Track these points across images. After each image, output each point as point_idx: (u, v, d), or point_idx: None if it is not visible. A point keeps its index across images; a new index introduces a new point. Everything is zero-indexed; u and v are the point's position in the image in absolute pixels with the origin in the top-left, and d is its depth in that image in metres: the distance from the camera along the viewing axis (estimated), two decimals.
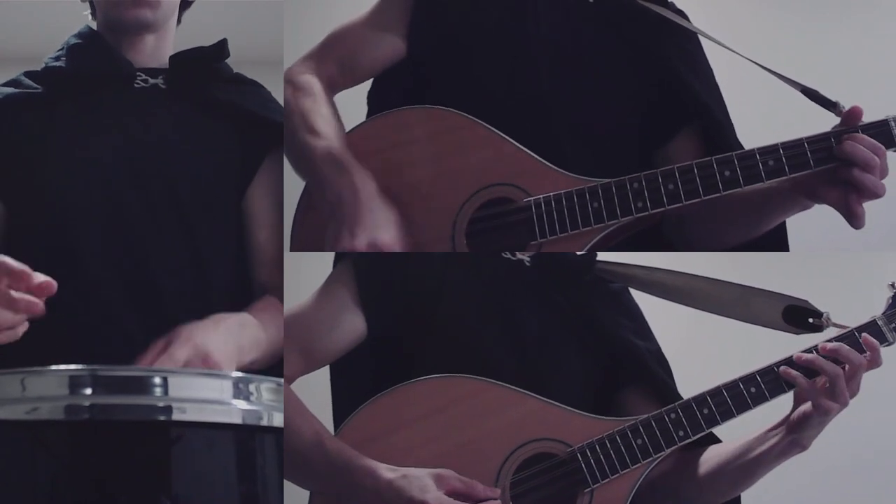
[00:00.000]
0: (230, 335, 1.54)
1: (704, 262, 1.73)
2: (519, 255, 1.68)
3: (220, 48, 1.78)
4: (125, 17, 1.72)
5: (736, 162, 1.53)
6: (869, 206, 1.53)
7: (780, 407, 1.56)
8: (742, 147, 1.64)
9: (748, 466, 1.57)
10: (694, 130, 1.68)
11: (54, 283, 1.36)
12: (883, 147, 1.51)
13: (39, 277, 1.36)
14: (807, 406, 1.51)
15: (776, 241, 1.68)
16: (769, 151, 1.53)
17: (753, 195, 1.58)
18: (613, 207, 1.54)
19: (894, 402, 1.59)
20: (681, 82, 1.67)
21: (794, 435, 1.53)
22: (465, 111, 1.60)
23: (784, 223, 1.67)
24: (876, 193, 1.50)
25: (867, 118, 1.54)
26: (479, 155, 1.59)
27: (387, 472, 1.47)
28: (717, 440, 1.62)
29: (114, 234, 1.64)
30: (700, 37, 1.72)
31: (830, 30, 3.28)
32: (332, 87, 1.68)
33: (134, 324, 1.60)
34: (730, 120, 1.71)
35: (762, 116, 2.11)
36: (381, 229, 1.52)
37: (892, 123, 1.53)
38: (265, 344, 1.60)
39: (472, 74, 1.66)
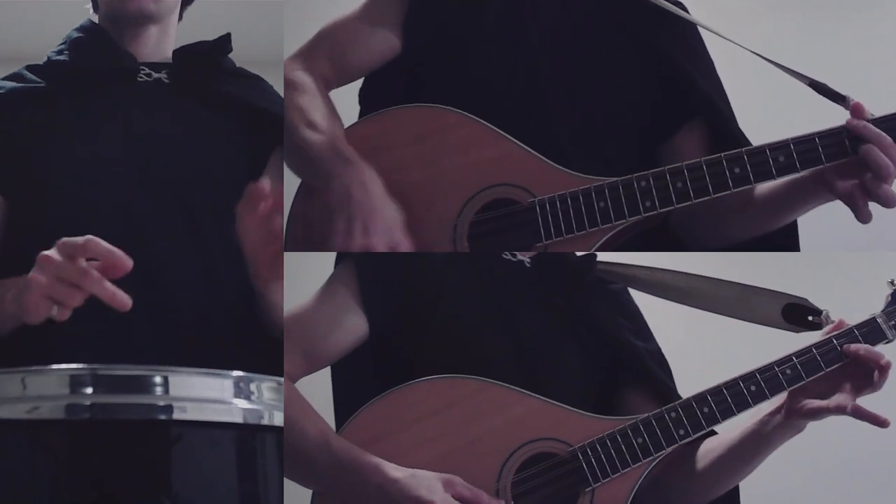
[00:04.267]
0: None
1: (704, 261, 1.73)
2: (519, 256, 1.68)
3: (224, 42, 1.78)
4: (127, 9, 1.71)
5: (746, 158, 1.51)
6: (870, 205, 1.52)
7: None
8: (746, 139, 1.63)
9: (748, 455, 1.58)
10: (697, 123, 1.67)
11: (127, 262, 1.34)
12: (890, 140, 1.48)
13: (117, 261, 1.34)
14: (821, 402, 1.51)
15: (787, 240, 1.67)
16: (780, 147, 1.51)
17: (774, 188, 1.56)
18: (621, 207, 1.52)
19: (894, 401, 1.59)
20: (683, 75, 1.66)
21: (793, 421, 1.53)
22: (462, 108, 1.58)
23: (795, 222, 1.66)
24: (887, 205, 1.49)
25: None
26: (481, 155, 1.57)
27: (394, 470, 1.47)
28: (713, 432, 1.62)
29: (118, 228, 1.63)
30: (700, 29, 1.70)
31: (830, 29, 3.28)
32: (325, 84, 1.66)
33: (138, 318, 1.59)
34: (732, 112, 1.70)
35: (763, 110, 2.11)
36: (396, 228, 1.51)
37: None
38: None
39: (470, 71, 1.65)
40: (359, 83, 1.74)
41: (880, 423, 1.50)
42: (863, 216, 1.50)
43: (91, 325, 1.55)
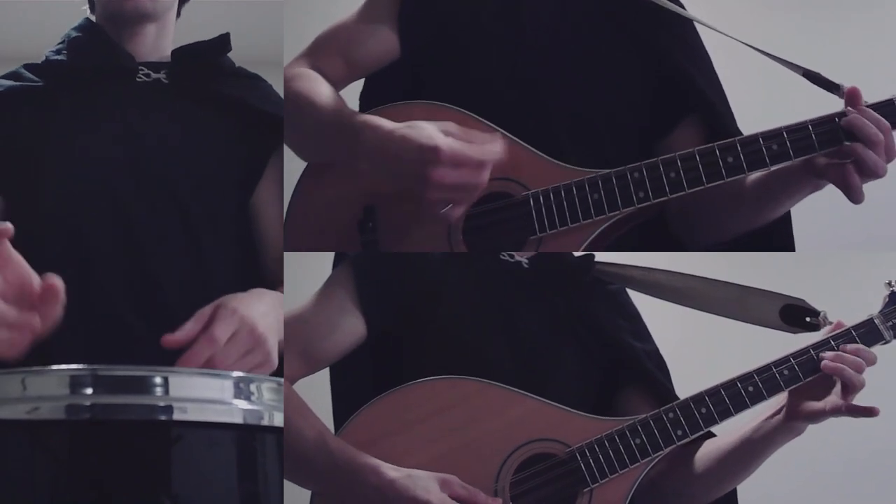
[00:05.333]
0: (273, 308, 1.51)
1: (701, 261, 1.73)
2: (517, 257, 1.68)
3: (223, 42, 1.77)
4: (124, 8, 1.71)
5: (739, 148, 1.51)
6: (867, 206, 1.52)
7: None
8: (743, 135, 1.63)
9: (747, 458, 1.58)
10: (694, 121, 1.67)
11: (58, 286, 1.32)
12: (888, 123, 1.48)
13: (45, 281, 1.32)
14: (819, 405, 1.51)
15: (782, 239, 1.67)
16: (773, 136, 1.51)
17: (761, 177, 1.56)
18: (614, 198, 1.52)
19: (893, 401, 1.60)
20: (680, 72, 1.66)
21: (793, 423, 1.54)
22: (462, 106, 1.58)
23: (790, 222, 1.66)
24: (876, 172, 1.48)
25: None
26: None
27: (391, 470, 1.47)
28: (711, 434, 1.63)
29: (115, 229, 1.63)
30: (697, 25, 1.70)
31: (830, 28, 3.28)
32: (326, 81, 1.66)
33: (135, 319, 1.60)
34: (729, 108, 1.70)
35: (761, 105, 2.11)
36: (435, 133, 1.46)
37: None
38: None
39: (468, 69, 1.65)
40: (359, 85, 1.74)
41: (871, 413, 1.50)
42: (855, 194, 1.49)
43: (90, 325, 1.56)
